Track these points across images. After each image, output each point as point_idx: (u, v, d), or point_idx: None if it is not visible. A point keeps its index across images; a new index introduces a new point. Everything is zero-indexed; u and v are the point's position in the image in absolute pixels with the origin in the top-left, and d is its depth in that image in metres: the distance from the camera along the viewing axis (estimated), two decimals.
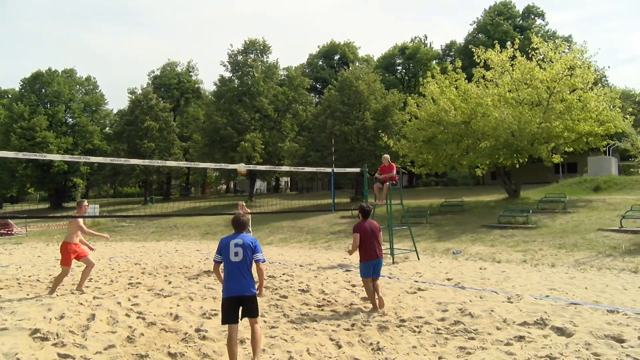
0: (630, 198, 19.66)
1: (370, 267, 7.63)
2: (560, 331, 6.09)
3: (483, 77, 22.92)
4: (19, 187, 50.64)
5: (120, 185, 57.51)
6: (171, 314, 7.32)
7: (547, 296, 8.25)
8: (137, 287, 9.87)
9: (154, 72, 57.88)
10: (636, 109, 30.21)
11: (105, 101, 59.12)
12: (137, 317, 7.16)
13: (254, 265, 5.23)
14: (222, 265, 5.30)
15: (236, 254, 5.10)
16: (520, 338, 5.87)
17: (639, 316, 6.76)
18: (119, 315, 7.23)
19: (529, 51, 21.92)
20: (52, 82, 53.01)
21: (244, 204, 12.99)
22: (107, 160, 9.39)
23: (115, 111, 58.58)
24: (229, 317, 5.04)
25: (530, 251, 13.60)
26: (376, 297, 7.47)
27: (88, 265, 9.49)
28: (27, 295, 9.12)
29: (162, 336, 6.28)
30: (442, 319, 6.87)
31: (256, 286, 5.24)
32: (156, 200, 48.57)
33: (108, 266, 13.64)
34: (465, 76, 23.40)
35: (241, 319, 5.15)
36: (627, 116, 21.41)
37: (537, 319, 6.55)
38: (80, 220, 9.52)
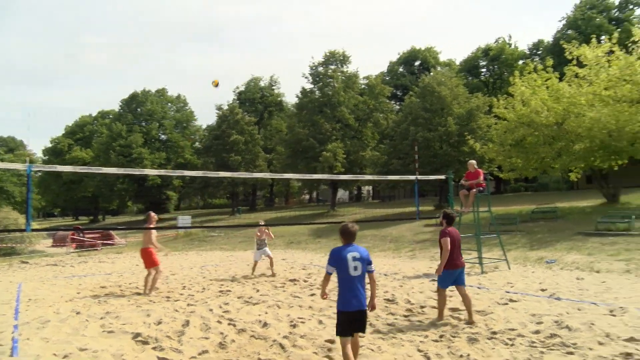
0: None
1: (452, 276, 7.38)
2: None
3: (576, 75, 21.61)
4: (119, 200, 54.54)
5: (209, 197, 60.24)
6: (260, 321, 7.53)
7: None
8: (228, 294, 10.26)
9: (238, 87, 60.28)
10: None
11: (195, 117, 62.41)
12: (228, 324, 7.45)
13: None
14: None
15: (355, 268, 5.02)
16: (628, 355, 5.43)
17: None
18: (211, 321, 7.56)
19: (629, 45, 20.40)
20: (146, 101, 56.89)
21: (263, 221, 14.16)
22: (199, 173, 9.91)
23: (204, 126, 61.62)
24: (348, 331, 5.04)
25: (634, 260, 12.55)
26: (467, 309, 7.29)
27: (149, 274, 10.74)
28: (129, 301, 9.77)
29: (252, 343, 6.47)
30: (537, 332, 6.52)
31: (367, 299, 5.16)
32: (243, 210, 50.28)
33: (200, 274, 14.31)
34: (557, 75, 22.16)
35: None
36: None
37: None
38: (154, 232, 10.89)
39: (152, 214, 11.20)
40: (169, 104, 61.05)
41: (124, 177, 50.31)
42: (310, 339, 6.49)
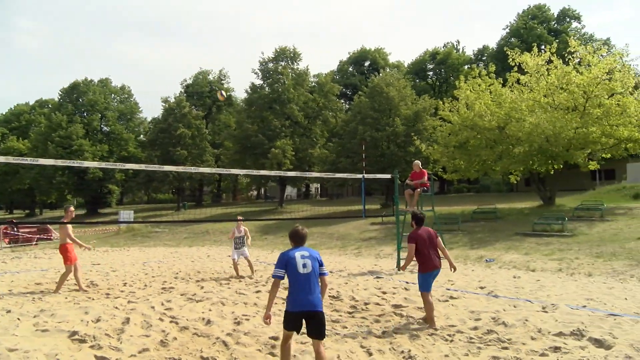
0: None
1: (431, 278, 7.10)
2: (599, 343, 5.90)
3: (517, 81, 22.52)
4: (58, 194, 52.16)
5: (154, 191, 58.69)
6: (203, 319, 7.41)
7: (584, 306, 8.01)
8: (170, 291, 10.03)
9: (186, 80, 58.98)
10: None
11: (140, 109, 60.61)
12: (170, 322, 7.28)
13: None
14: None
15: (304, 265, 4.80)
16: (556, 349, 5.72)
17: None
18: (153, 319, 7.37)
19: (566, 55, 21.46)
20: (88, 91, 54.65)
21: (240, 217, 13.30)
22: (142, 167, 9.63)
23: (149, 119, 59.92)
24: (294, 327, 4.84)
25: (566, 260, 13.25)
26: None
27: (76, 269, 10.37)
28: (66, 298, 9.39)
29: (195, 340, 6.36)
30: (475, 328, 6.75)
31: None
32: (189, 206, 49.36)
33: (142, 271, 13.92)
34: (500, 81, 23.01)
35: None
36: None
37: (573, 330, 6.38)
38: (69, 227, 10.23)
39: (71, 208, 10.48)
40: (113, 95, 58.89)
41: (63, 170, 48.15)
42: (254, 336, 6.45)
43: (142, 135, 58.37)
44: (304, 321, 4.85)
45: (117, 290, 10.40)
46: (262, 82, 43.36)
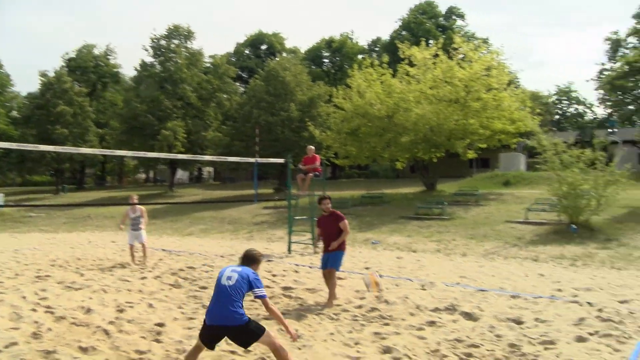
0: (535, 192, 21.10)
1: None
2: (468, 316, 6.47)
3: (407, 73, 23.59)
4: None
5: (28, 173, 53.82)
6: (83, 307, 7.00)
7: (458, 283, 8.72)
8: (46, 280, 9.33)
9: (68, 54, 54.59)
10: (543, 110, 32.40)
11: (12, 83, 55.14)
12: (45, 312, 6.80)
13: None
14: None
15: (229, 277, 4.45)
16: (432, 323, 6.18)
17: (537, 300, 7.33)
18: (24, 310, 6.83)
19: (451, 50, 22.84)
20: None
21: (136, 196, 12.26)
22: (14, 145, 8.77)
23: (23, 94, 54.71)
24: (204, 341, 4.49)
25: (444, 241, 14.27)
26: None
27: None
28: None
29: (73, 330, 5.99)
30: (360, 307, 7.07)
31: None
32: (69, 189, 45.97)
33: (13, 259, 12.73)
34: (391, 72, 23.93)
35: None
36: (535, 116, 22.89)
37: (447, 305, 6.92)
38: None
39: None
40: None
41: None
42: (138, 324, 6.22)
43: (14, 111, 53.16)
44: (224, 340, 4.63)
45: None
46: (153, 59, 41.33)
